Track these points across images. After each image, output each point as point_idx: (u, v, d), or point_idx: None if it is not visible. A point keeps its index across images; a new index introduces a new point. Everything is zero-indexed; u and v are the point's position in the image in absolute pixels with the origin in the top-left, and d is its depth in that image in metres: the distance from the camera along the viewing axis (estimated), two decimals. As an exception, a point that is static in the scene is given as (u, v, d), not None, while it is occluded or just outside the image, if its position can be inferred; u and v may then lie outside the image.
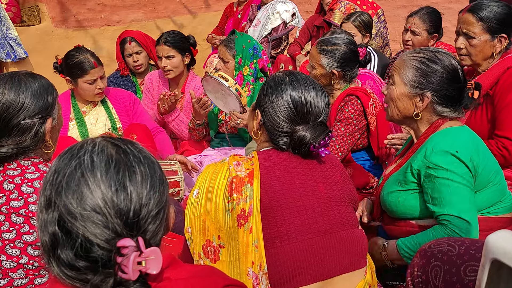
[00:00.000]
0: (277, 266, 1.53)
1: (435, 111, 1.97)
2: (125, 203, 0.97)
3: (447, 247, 1.40)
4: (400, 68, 2.01)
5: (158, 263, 0.95)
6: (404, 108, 2.02)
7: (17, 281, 1.61)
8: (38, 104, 1.70)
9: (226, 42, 3.38)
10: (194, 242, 1.60)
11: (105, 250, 0.94)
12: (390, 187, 2.04)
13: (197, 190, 1.64)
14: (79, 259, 0.95)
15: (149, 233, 1.00)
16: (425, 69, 1.95)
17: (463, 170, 1.83)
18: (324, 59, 2.75)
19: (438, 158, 1.84)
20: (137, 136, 3.12)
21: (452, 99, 1.95)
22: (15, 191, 1.62)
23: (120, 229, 0.95)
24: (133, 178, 1.00)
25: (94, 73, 3.09)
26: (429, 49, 2.02)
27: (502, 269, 0.92)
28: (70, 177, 0.98)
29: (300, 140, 1.62)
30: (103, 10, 6.03)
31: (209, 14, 6.83)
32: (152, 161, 1.07)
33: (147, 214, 1.00)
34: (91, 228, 0.94)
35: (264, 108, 1.72)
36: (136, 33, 4.16)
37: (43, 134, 1.72)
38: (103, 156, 1.01)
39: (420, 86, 1.95)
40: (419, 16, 3.71)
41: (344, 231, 1.62)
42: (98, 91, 3.15)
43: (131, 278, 0.92)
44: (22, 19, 5.44)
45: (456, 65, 1.95)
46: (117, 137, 1.10)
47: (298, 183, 1.61)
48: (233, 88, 2.93)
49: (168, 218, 1.09)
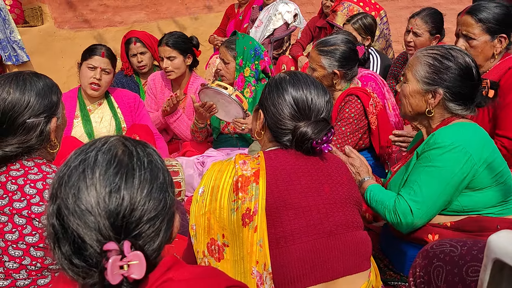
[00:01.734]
0: (281, 266, 1.53)
1: (447, 108, 1.96)
2: (115, 205, 0.97)
3: (449, 248, 1.40)
4: (413, 65, 2.01)
5: (141, 268, 0.94)
6: (416, 105, 2.02)
7: (19, 282, 1.61)
8: (43, 103, 1.71)
9: (227, 43, 3.38)
10: (199, 240, 1.60)
11: (96, 251, 0.95)
12: (397, 179, 2.05)
13: (202, 188, 1.64)
14: (75, 256, 0.96)
15: (143, 239, 0.99)
16: (438, 66, 1.94)
17: (456, 165, 1.83)
18: (325, 59, 2.76)
19: (435, 149, 1.86)
20: (139, 137, 3.11)
21: (464, 96, 1.94)
22: (18, 192, 1.62)
23: (107, 231, 0.95)
24: (130, 182, 1.00)
25: (98, 60, 3.16)
26: (443, 46, 2.01)
27: (504, 269, 0.92)
28: (73, 171, 1.00)
29: (302, 136, 1.62)
30: (106, 11, 6.04)
31: (211, 15, 6.84)
32: (158, 167, 1.06)
33: (139, 218, 0.99)
34: (83, 226, 0.95)
35: (266, 107, 1.73)
36: (141, 34, 4.18)
37: (48, 133, 1.73)
38: (107, 155, 1.01)
39: (432, 82, 1.95)
40: (421, 17, 3.70)
41: (348, 232, 1.62)
42: (93, 80, 3.17)
43: (111, 282, 0.91)
44: (24, 20, 5.44)
45: (471, 62, 1.94)
46: (134, 139, 1.10)
47: (304, 184, 1.61)
48: (234, 95, 2.94)
49: (172, 226, 1.08)
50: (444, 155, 1.84)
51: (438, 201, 1.87)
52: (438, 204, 1.88)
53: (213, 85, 3.00)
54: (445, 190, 1.85)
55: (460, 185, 1.86)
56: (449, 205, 1.91)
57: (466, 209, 1.91)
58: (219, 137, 3.56)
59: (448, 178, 1.84)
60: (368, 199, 2.02)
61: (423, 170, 1.88)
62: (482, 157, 1.86)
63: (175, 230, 1.12)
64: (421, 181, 1.87)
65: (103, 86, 3.23)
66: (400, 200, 1.90)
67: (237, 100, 2.94)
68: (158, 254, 1.03)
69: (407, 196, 1.89)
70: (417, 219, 1.87)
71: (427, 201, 1.86)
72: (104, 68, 3.18)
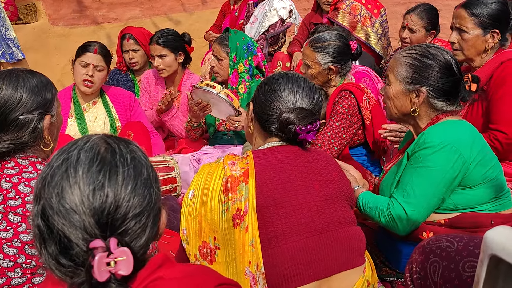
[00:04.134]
0: (274, 267, 1.53)
1: (432, 106, 1.98)
2: (99, 202, 0.96)
3: (445, 243, 1.40)
4: (394, 67, 2.03)
5: (128, 264, 0.93)
6: (401, 105, 2.03)
7: (14, 280, 1.61)
8: (36, 100, 1.70)
9: (220, 39, 3.37)
10: (190, 243, 1.60)
11: (82, 250, 0.94)
12: (388, 179, 2.05)
13: (192, 191, 1.64)
14: (61, 256, 0.95)
15: (129, 235, 0.98)
16: (418, 65, 1.96)
17: (447, 164, 1.84)
18: (319, 55, 2.77)
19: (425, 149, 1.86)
20: (134, 134, 3.12)
21: (448, 92, 1.96)
22: (12, 190, 1.62)
23: (92, 229, 0.94)
24: (113, 179, 0.99)
25: (90, 57, 3.15)
26: (421, 45, 2.05)
27: (500, 265, 0.92)
28: (56, 171, 0.99)
29: (286, 120, 1.63)
30: (100, 7, 6.01)
31: (206, 12, 6.81)
32: (141, 163, 1.06)
33: (125, 215, 0.98)
34: (68, 225, 0.94)
35: (256, 97, 1.77)
36: (137, 30, 4.14)
37: (41, 130, 1.72)
38: (90, 154, 1.01)
39: (414, 82, 1.97)
40: (417, 13, 3.70)
41: (341, 229, 1.62)
42: (86, 77, 3.15)
43: (98, 279, 0.90)
44: (18, 17, 5.41)
45: (449, 58, 1.96)
46: (115, 136, 1.09)
47: (294, 182, 1.61)
48: (222, 93, 2.95)
49: (158, 222, 1.08)
50: (434, 154, 1.85)
51: (432, 201, 1.88)
52: (432, 204, 1.89)
53: (201, 85, 3.02)
54: (437, 189, 1.86)
55: (452, 184, 1.87)
56: (442, 204, 1.92)
57: (459, 206, 1.92)
58: (215, 134, 3.55)
59: (440, 177, 1.85)
60: (361, 207, 2.03)
61: (414, 171, 1.89)
62: (472, 154, 1.86)
63: (162, 226, 1.11)
64: (413, 182, 1.88)
65: (96, 83, 3.21)
66: (394, 203, 1.91)
67: (225, 98, 2.96)
68: (145, 250, 1.03)
69: (401, 198, 1.90)
70: (412, 220, 1.88)
71: (421, 202, 1.87)
72: (96, 65, 3.16)
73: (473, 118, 2.55)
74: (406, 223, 1.89)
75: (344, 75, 2.85)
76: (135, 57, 4.05)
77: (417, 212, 1.87)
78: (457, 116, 2.02)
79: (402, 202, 1.88)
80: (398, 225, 1.89)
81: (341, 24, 4.47)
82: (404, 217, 1.87)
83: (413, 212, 1.87)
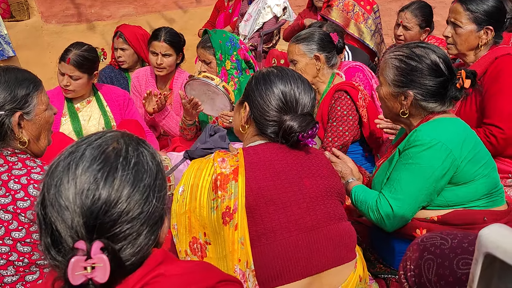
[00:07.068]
0: (264, 264, 1.53)
1: (422, 107, 1.97)
2: (90, 204, 0.94)
3: (439, 240, 1.40)
4: (383, 68, 2.04)
5: (104, 272, 0.90)
6: (392, 106, 2.05)
7: (7, 278, 1.61)
8: (3, 96, 1.69)
9: (203, 43, 3.31)
10: (180, 239, 1.60)
11: (69, 247, 0.93)
12: (380, 175, 2.06)
13: (182, 187, 1.64)
14: (52, 247, 0.95)
15: (119, 240, 0.96)
16: (404, 67, 1.96)
17: (436, 162, 1.84)
18: (303, 46, 2.80)
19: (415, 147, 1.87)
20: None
21: (435, 94, 1.95)
22: (2, 187, 1.61)
23: (80, 229, 0.93)
24: (109, 181, 0.97)
25: (64, 66, 3.01)
26: (408, 46, 2.02)
27: (495, 263, 0.92)
28: (61, 162, 0.99)
29: (290, 129, 1.63)
30: (93, 5, 5.98)
31: (200, 9, 6.80)
32: (145, 169, 1.03)
33: (115, 220, 0.95)
34: (60, 219, 0.94)
35: (252, 98, 1.74)
36: (128, 30, 4.09)
37: (10, 126, 1.70)
38: (95, 151, 1.00)
39: (401, 84, 1.97)
40: (411, 11, 3.71)
41: (331, 225, 1.63)
42: (63, 87, 3.06)
43: (71, 281, 0.88)
44: (11, 14, 5.38)
45: (436, 58, 1.93)
46: (131, 136, 1.08)
47: (284, 179, 1.61)
48: (221, 86, 2.93)
49: (158, 231, 1.05)
50: (423, 152, 1.85)
51: (419, 198, 1.89)
52: (419, 201, 1.90)
53: (199, 76, 2.99)
54: (425, 186, 1.87)
55: (441, 181, 1.87)
56: (433, 200, 1.92)
57: (451, 203, 1.92)
58: (209, 132, 3.53)
59: (428, 174, 1.85)
60: (354, 200, 2.05)
61: (403, 167, 1.90)
62: (463, 152, 1.86)
63: (162, 236, 1.09)
64: (402, 179, 1.89)
65: (76, 91, 3.11)
66: (381, 198, 1.92)
67: (224, 90, 2.94)
68: (138, 258, 0.99)
69: (388, 194, 1.91)
70: (398, 216, 1.89)
71: (407, 198, 1.88)
72: (70, 74, 3.03)
73: (467, 113, 2.56)
74: (393, 219, 1.90)
75: (332, 67, 2.86)
76: (122, 56, 4.02)
77: (403, 208, 1.88)
78: (450, 114, 2.02)
79: (389, 197, 1.90)
80: (385, 220, 1.91)
81: (334, 20, 4.47)
82: (390, 213, 1.89)
83: (399, 208, 1.87)
